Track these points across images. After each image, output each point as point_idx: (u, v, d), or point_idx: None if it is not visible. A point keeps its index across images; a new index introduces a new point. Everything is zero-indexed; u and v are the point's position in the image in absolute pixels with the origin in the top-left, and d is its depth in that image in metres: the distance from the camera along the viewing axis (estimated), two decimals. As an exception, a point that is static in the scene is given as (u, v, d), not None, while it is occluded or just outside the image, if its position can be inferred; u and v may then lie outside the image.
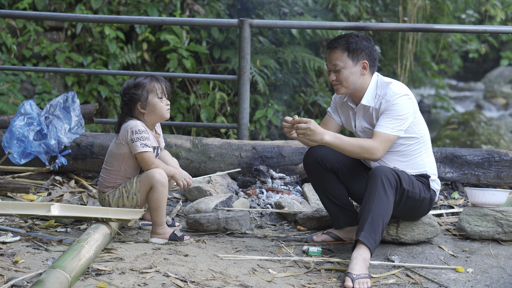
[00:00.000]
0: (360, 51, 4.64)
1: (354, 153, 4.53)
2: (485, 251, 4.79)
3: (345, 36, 4.68)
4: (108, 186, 4.77)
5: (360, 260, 4.21)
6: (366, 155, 4.53)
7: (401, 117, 4.54)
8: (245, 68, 6.80)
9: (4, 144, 6.02)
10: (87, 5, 9.58)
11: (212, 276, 3.97)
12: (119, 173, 4.73)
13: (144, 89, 4.69)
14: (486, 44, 18.01)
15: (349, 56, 4.63)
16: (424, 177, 4.71)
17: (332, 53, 4.68)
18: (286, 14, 10.24)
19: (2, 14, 7.58)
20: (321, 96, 10.33)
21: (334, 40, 4.70)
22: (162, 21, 7.45)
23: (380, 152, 4.53)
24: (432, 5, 12.10)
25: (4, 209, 4.42)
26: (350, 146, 4.49)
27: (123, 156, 4.70)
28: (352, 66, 4.64)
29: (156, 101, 4.70)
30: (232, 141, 6.29)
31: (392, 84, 4.63)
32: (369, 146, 4.50)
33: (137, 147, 4.59)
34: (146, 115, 4.71)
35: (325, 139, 4.45)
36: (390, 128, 4.54)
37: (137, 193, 4.64)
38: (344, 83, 4.66)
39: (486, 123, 12.84)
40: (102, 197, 4.78)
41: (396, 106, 4.54)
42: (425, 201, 4.68)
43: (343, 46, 4.64)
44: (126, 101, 4.72)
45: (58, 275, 3.44)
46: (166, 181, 4.59)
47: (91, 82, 9.35)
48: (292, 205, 5.52)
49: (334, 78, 4.68)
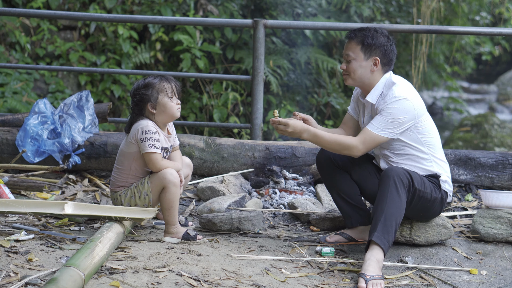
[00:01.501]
0: (375, 47, 4.65)
1: (334, 149, 4.64)
2: (499, 253, 4.77)
3: (365, 29, 4.71)
4: (119, 185, 4.77)
5: (374, 261, 4.20)
6: (346, 152, 4.61)
7: (395, 120, 4.53)
8: (259, 69, 6.79)
9: (18, 142, 6.04)
10: (101, 4, 9.61)
11: (226, 276, 3.97)
12: (130, 172, 4.73)
13: (154, 89, 4.69)
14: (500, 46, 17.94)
15: (362, 50, 4.66)
16: (434, 177, 4.69)
17: (348, 43, 4.73)
18: (300, 15, 10.23)
19: (16, 13, 7.60)
20: (334, 97, 10.32)
21: (354, 30, 4.75)
22: (175, 21, 7.46)
23: (360, 151, 4.57)
24: (446, 7, 12.08)
25: (18, 207, 4.43)
26: (328, 144, 4.61)
27: (133, 155, 4.70)
28: (363, 60, 4.67)
29: (166, 100, 4.70)
30: (245, 141, 6.29)
31: (395, 86, 4.62)
32: (349, 143, 4.57)
33: (145, 147, 4.59)
34: (157, 115, 4.71)
35: (303, 137, 4.58)
36: (380, 129, 4.54)
37: (149, 193, 4.64)
38: (352, 74, 4.71)
39: (499, 125, 12.79)
40: (114, 196, 4.79)
41: (392, 109, 4.54)
42: (436, 201, 4.66)
43: (359, 39, 4.67)
44: (136, 102, 4.72)
45: (72, 273, 3.44)
46: (178, 181, 4.60)
47: (104, 82, 9.37)
48: (305, 206, 5.51)
49: (344, 67, 4.73)
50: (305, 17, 10.23)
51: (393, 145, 4.67)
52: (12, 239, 4.25)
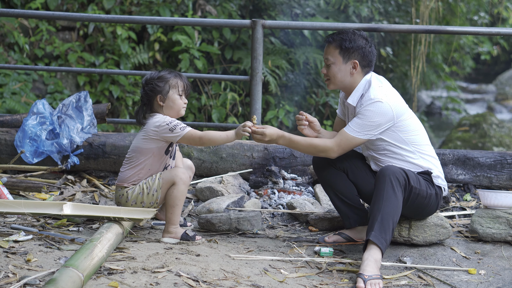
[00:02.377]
0: (353, 51, 4.66)
1: (310, 153, 4.70)
2: (498, 253, 4.77)
3: (343, 33, 4.71)
4: (129, 181, 4.75)
5: (372, 261, 4.21)
6: (322, 154, 4.66)
7: (371, 123, 4.54)
8: (257, 69, 6.79)
9: (16, 143, 6.04)
10: (99, 5, 9.61)
11: (224, 276, 3.97)
12: (144, 168, 4.72)
13: (167, 83, 4.72)
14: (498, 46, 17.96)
15: (340, 54, 4.67)
16: (426, 174, 4.69)
17: (327, 47, 4.74)
18: (298, 15, 10.24)
19: (14, 14, 7.60)
20: (332, 97, 10.33)
21: (332, 34, 4.76)
22: (174, 22, 7.45)
23: (335, 152, 4.62)
24: (445, 7, 12.08)
25: (16, 207, 4.43)
26: (303, 148, 4.66)
27: (152, 151, 4.70)
28: (342, 63, 4.68)
29: (176, 97, 4.74)
30: (244, 141, 6.29)
31: (371, 88, 4.63)
32: (324, 146, 4.61)
33: (179, 132, 4.62)
34: (164, 108, 4.73)
35: (279, 143, 4.64)
36: (356, 131, 4.56)
37: (158, 189, 4.65)
38: (332, 78, 4.73)
39: (497, 125, 12.80)
40: (120, 193, 4.75)
41: (368, 112, 4.55)
42: (432, 197, 4.65)
43: (337, 43, 4.68)
44: (147, 91, 4.74)
45: (71, 274, 3.44)
46: (188, 180, 4.66)
47: (102, 82, 9.37)
48: (303, 206, 5.51)
49: (325, 72, 4.76)
50: (304, 17, 10.24)
51: (377, 145, 4.69)
52: (11, 240, 4.25)
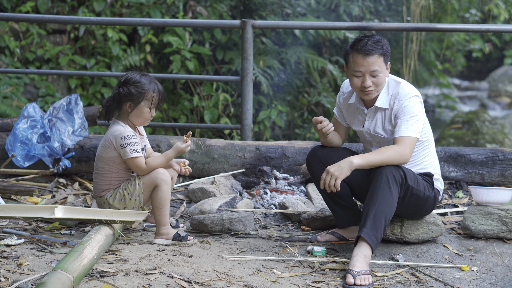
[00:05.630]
0: (389, 54, 4.60)
1: (386, 162, 4.43)
2: (490, 249, 4.78)
3: (375, 40, 4.54)
4: (103, 189, 4.77)
5: (361, 257, 4.22)
6: (396, 158, 4.44)
7: (416, 117, 4.52)
8: (248, 69, 6.79)
9: (7, 147, 6.03)
10: (90, 7, 9.60)
11: (217, 277, 3.97)
12: (112, 175, 4.74)
13: (143, 94, 4.68)
14: (490, 43, 17.97)
15: (384, 61, 4.56)
16: (427, 175, 4.70)
17: (369, 58, 4.52)
18: (289, 15, 10.23)
19: (5, 18, 7.58)
20: (324, 97, 10.32)
21: (365, 45, 4.53)
22: (164, 23, 7.44)
23: (408, 154, 4.46)
24: (436, 5, 12.09)
25: (8, 211, 4.42)
26: (379, 161, 4.42)
27: (112, 159, 4.71)
28: (385, 70, 4.59)
29: (146, 110, 4.71)
30: (235, 142, 6.29)
31: (402, 84, 4.61)
32: (396, 151, 4.45)
33: (127, 153, 4.62)
34: (131, 115, 4.72)
35: (354, 165, 4.39)
36: (411, 130, 4.50)
37: (140, 194, 4.65)
38: (379, 87, 4.60)
39: (490, 122, 12.81)
40: (100, 201, 4.78)
41: (408, 107, 4.52)
42: (429, 199, 4.67)
43: (379, 51, 4.52)
44: (121, 93, 4.68)
45: (60, 276, 3.43)
46: (169, 180, 4.65)
47: (94, 85, 9.36)
48: (296, 206, 5.51)
49: (371, 84, 4.56)
50: (295, 17, 10.23)
51: (390, 142, 4.66)
52: (3, 244, 4.25)
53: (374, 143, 4.79)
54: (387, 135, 4.68)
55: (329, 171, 4.38)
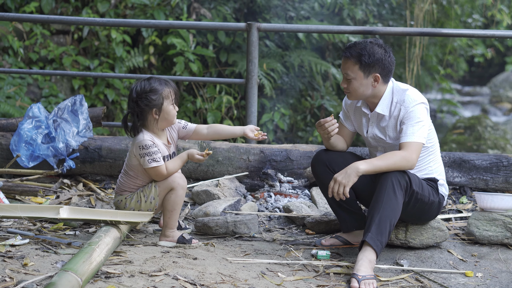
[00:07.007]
0: (373, 65, 4.53)
1: (393, 168, 4.41)
2: (494, 255, 4.77)
3: (360, 47, 4.55)
4: (125, 190, 4.77)
5: (366, 262, 4.21)
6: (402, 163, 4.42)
7: (421, 123, 4.51)
8: (253, 72, 6.79)
9: (12, 147, 6.03)
10: (94, 8, 9.60)
11: (221, 280, 3.97)
12: (137, 180, 4.75)
13: (160, 95, 4.64)
14: (492, 48, 17.98)
15: (360, 69, 4.53)
16: (432, 181, 4.70)
17: (345, 62, 4.58)
18: (293, 18, 10.24)
19: (9, 18, 7.58)
20: (327, 100, 10.33)
21: (349, 48, 4.59)
22: (169, 25, 7.45)
23: (414, 159, 4.44)
24: (439, 10, 12.10)
25: (13, 211, 4.42)
26: (386, 166, 4.40)
27: (137, 167, 4.71)
28: (362, 78, 4.55)
29: (171, 108, 4.68)
30: (240, 144, 6.29)
31: (409, 91, 4.60)
32: (402, 156, 4.43)
33: (145, 163, 4.62)
34: (159, 120, 4.68)
35: (360, 171, 4.37)
36: (417, 136, 4.49)
37: (156, 197, 4.66)
38: (353, 92, 4.61)
39: (492, 127, 12.82)
40: (119, 199, 4.78)
41: (414, 113, 4.51)
42: (434, 204, 4.66)
43: (355, 58, 4.52)
44: (141, 106, 4.62)
45: (70, 278, 3.43)
46: (186, 185, 4.67)
47: (97, 86, 9.36)
48: (300, 209, 5.51)
49: (345, 85, 4.62)
50: (298, 20, 10.24)
51: (396, 147, 4.66)
52: (8, 244, 4.25)
53: (380, 148, 4.80)
54: (391, 141, 4.68)
55: (337, 179, 4.38)
